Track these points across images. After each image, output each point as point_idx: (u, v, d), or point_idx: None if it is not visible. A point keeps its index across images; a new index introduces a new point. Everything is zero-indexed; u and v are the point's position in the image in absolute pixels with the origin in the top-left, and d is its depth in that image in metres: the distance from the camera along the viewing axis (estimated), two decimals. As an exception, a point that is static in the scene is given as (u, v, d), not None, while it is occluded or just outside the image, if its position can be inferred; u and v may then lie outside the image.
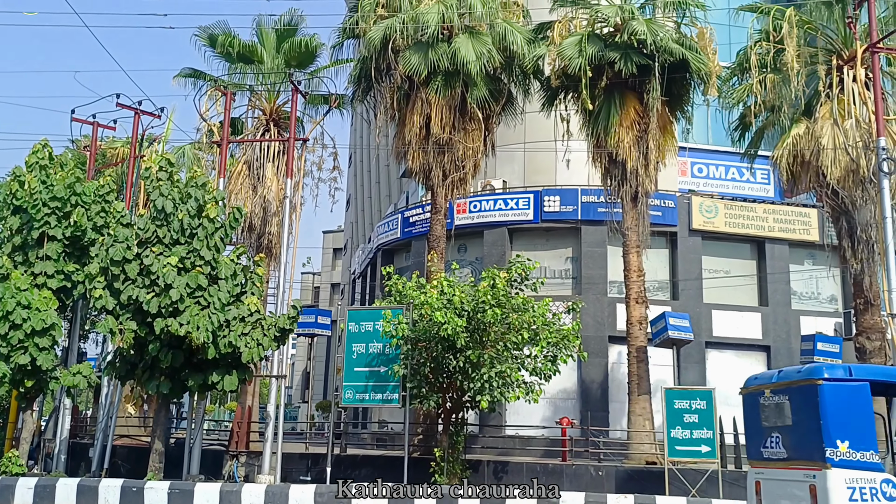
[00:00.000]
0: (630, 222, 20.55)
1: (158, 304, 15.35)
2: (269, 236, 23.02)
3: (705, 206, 28.62)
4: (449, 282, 16.26)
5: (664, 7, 20.95)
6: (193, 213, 16.22)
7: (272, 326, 16.26)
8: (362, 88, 22.64)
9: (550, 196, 28.32)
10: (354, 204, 57.19)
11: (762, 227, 29.04)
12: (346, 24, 22.74)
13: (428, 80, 20.73)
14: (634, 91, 20.39)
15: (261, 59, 24.10)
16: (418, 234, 30.23)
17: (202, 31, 23.90)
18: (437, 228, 21.72)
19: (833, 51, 19.85)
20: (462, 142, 21.10)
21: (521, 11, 22.38)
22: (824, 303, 29.94)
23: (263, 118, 24.16)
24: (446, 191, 21.59)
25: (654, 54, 19.25)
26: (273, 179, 22.98)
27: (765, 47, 19.72)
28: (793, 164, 19.85)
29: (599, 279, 27.57)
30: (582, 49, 19.58)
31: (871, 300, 19.26)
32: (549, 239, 28.79)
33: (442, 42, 20.65)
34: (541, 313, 16.15)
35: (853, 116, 18.80)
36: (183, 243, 16.09)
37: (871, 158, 18.16)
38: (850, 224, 19.42)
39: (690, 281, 28.01)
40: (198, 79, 24.39)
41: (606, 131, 20.24)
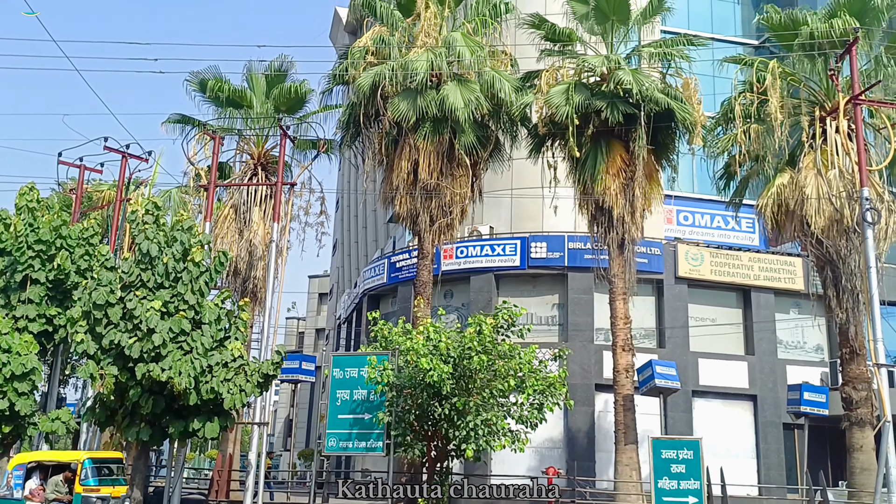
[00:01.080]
0: (617, 269, 20.57)
1: (141, 349, 15.12)
2: (254, 280, 22.89)
3: (691, 254, 28.74)
4: (435, 328, 16.14)
5: (649, 58, 21.26)
6: (178, 257, 16.08)
7: (255, 372, 16.04)
8: (351, 134, 22.76)
9: (537, 242, 28.37)
10: (341, 249, 57.12)
11: (748, 276, 29.16)
12: (335, 71, 22.93)
13: (416, 127, 20.86)
14: (621, 139, 20.58)
15: (250, 104, 24.22)
16: (405, 279, 30.14)
17: (193, 77, 24.03)
18: (423, 274, 21.66)
19: (816, 102, 20.15)
20: (449, 187, 21.17)
21: (509, 60, 22.66)
22: (810, 352, 29.96)
23: (251, 162, 24.19)
24: (433, 236, 21.59)
25: (639, 103, 19.46)
26: (259, 223, 22.93)
27: (749, 98, 19.98)
28: (777, 213, 20.00)
29: (586, 326, 27.51)
30: (569, 97, 19.79)
31: (856, 350, 19.24)
32: (535, 285, 28.78)
33: (431, 89, 20.84)
34: (527, 360, 16.02)
35: (836, 167, 19.00)
36: (167, 287, 15.92)
37: (854, 208, 18.31)
38: (835, 273, 19.48)
39: (677, 329, 27.99)
40: (186, 124, 24.46)
41: (593, 178, 20.36)
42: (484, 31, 21.99)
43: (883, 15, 20.03)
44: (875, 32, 20.02)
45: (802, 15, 20.42)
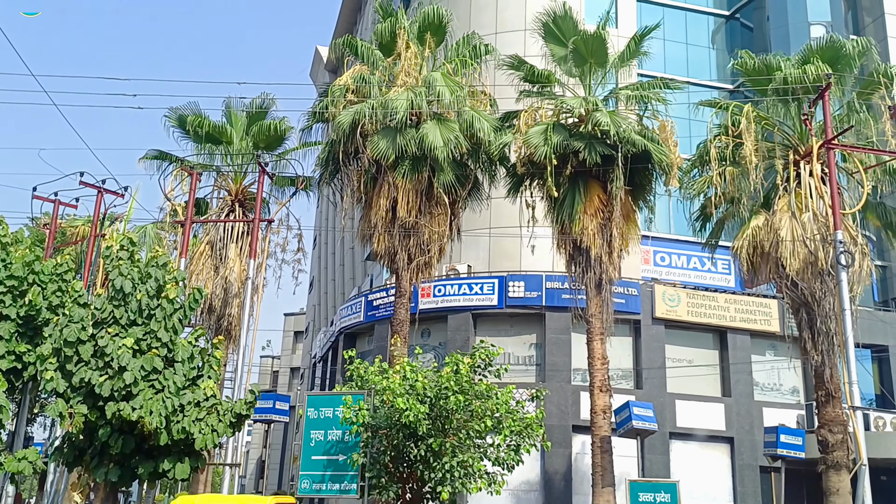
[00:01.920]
0: (594, 309, 20.56)
1: (111, 387, 14.81)
2: (229, 318, 22.64)
3: (668, 295, 28.84)
4: (412, 367, 15.98)
5: (627, 100, 21.50)
6: (152, 294, 15.86)
7: (228, 412, 15.75)
8: (330, 171, 22.75)
9: (515, 282, 28.37)
10: (318, 286, 56.83)
11: (724, 317, 29.28)
12: (315, 108, 22.98)
13: (395, 165, 20.89)
14: (598, 180, 20.72)
15: (229, 141, 24.19)
16: (382, 317, 29.96)
17: (172, 112, 24.00)
18: (400, 312, 21.53)
19: (790, 146, 20.43)
20: (428, 226, 21.16)
21: (489, 100, 22.83)
22: (786, 394, 30.03)
23: (229, 199, 24.09)
24: (411, 274, 21.52)
25: (617, 145, 19.63)
26: (236, 260, 22.76)
27: (724, 141, 20.20)
28: (753, 255, 20.12)
29: (563, 366, 27.43)
30: (547, 138, 19.93)
31: (832, 392, 19.26)
32: (513, 325, 28.70)
33: (410, 128, 20.91)
34: (504, 401, 15.87)
35: (810, 210, 19.20)
36: (140, 324, 15.66)
37: (828, 251, 18.48)
38: (810, 316, 19.57)
39: (654, 370, 27.97)
40: (164, 160, 24.35)
41: (571, 218, 20.44)
42: (464, 72, 22.17)
43: (854, 62, 20.46)
44: (847, 79, 20.41)
45: (776, 61, 20.80)
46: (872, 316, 29.43)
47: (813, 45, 21.29)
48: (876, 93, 19.72)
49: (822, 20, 36.00)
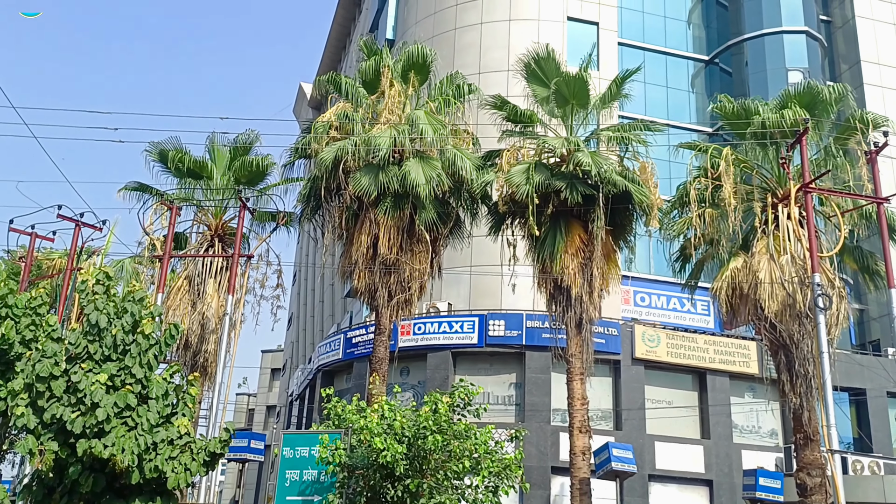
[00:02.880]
0: (574, 349, 20.49)
1: (83, 424, 14.47)
2: (205, 354, 22.32)
3: (648, 336, 28.86)
4: (390, 406, 15.79)
5: (608, 141, 21.68)
6: (128, 329, 15.59)
7: (202, 450, 15.42)
8: (311, 207, 22.69)
9: (495, 320, 28.30)
10: (296, 323, 56.42)
11: (703, 359, 29.32)
12: (298, 144, 22.98)
13: (377, 202, 20.88)
14: (580, 219, 20.78)
15: (210, 175, 24.08)
16: (361, 355, 29.73)
17: (153, 147, 23.85)
18: (380, 350, 21.35)
19: (768, 189, 20.62)
20: (409, 263, 21.09)
21: (471, 139, 22.96)
22: (765, 437, 30.00)
23: (208, 233, 23.91)
24: (391, 312, 21.39)
25: (598, 185, 19.75)
26: (214, 296, 22.52)
27: (703, 183, 20.36)
28: (732, 296, 20.15)
29: (543, 406, 27.27)
30: (529, 177, 20.01)
31: (810, 435, 19.21)
32: (492, 364, 28.57)
33: (392, 165, 20.95)
34: (483, 441, 15.69)
35: (789, 252, 19.31)
36: (114, 360, 15.36)
37: (806, 294, 18.56)
38: (789, 358, 19.59)
39: (633, 411, 27.87)
40: (144, 192, 24.17)
41: (552, 257, 20.45)
42: (447, 111, 22.32)
43: (832, 107, 20.77)
44: (824, 124, 20.70)
45: (754, 105, 21.07)
46: (850, 359, 29.57)
47: (791, 90, 21.63)
48: (852, 138, 19.97)
49: (799, 66, 36.72)
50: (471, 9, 36.75)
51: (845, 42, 41.44)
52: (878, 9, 41.43)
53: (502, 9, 36.29)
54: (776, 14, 38.29)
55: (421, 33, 35.94)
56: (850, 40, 41.09)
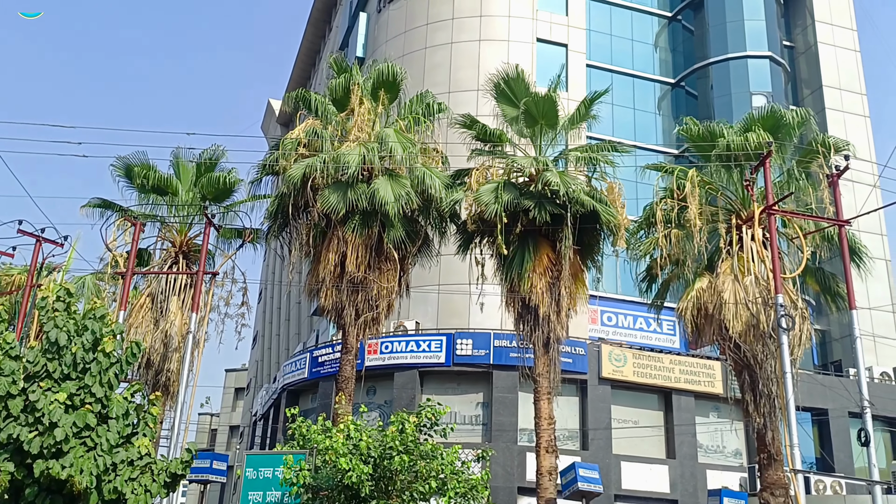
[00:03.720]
0: (542, 368, 20.47)
1: (41, 444, 14.11)
2: (167, 373, 21.94)
3: (614, 355, 28.97)
4: (356, 425, 15.62)
5: (576, 161, 21.80)
6: (88, 347, 15.26)
7: (163, 471, 15.11)
8: (278, 224, 22.50)
9: (463, 339, 28.24)
10: (261, 342, 55.86)
11: (669, 378, 29.49)
12: (266, 161, 22.81)
13: (346, 219, 20.76)
14: (548, 239, 20.84)
15: (175, 192, 23.77)
16: (327, 374, 29.46)
17: (118, 162, 23.48)
18: (346, 369, 21.15)
19: (733, 210, 20.85)
20: (377, 281, 20.98)
21: (441, 157, 22.97)
22: (729, 457, 30.19)
23: (172, 250, 23.58)
24: (358, 330, 21.22)
25: (566, 204, 19.83)
26: (177, 314, 22.17)
27: (669, 204, 20.53)
28: (697, 316, 20.28)
29: (510, 426, 27.20)
30: (498, 196, 20.03)
31: (774, 455, 19.33)
32: (460, 383, 28.48)
33: (361, 182, 20.87)
34: (450, 461, 15.57)
35: (752, 273, 19.51)
36: (74, 378, 15.02)
37: (770, 314, 18.75)
38: (753, 378, 19.74)
39: (600, 430, 27.91)
40: (107, 208, 23.78)
41: (520, 276, 20.46)
42: (416, 129, 22.31)
43: (794, 131, 21.12)
44: (787, 147, 21.03)
45: (719, 128, 21.35)
46: (812, 379, 29.93)
47: (755, 113, 21.95)
48: (815, 161, 20.30)
49: (763, 90, 37.40)
50: (441, 29, 36.95)
51: (808, 67, 42.31)
52: (839, 35, 42.40)
53: (472, 29, 36.53)
54: (740, 39, 39.01)
55: (391, 52, 36.02)
56: (812, 66, 41.98)
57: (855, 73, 41.78)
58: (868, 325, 32.76)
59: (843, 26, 42.90)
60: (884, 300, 35.22)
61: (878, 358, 34.56)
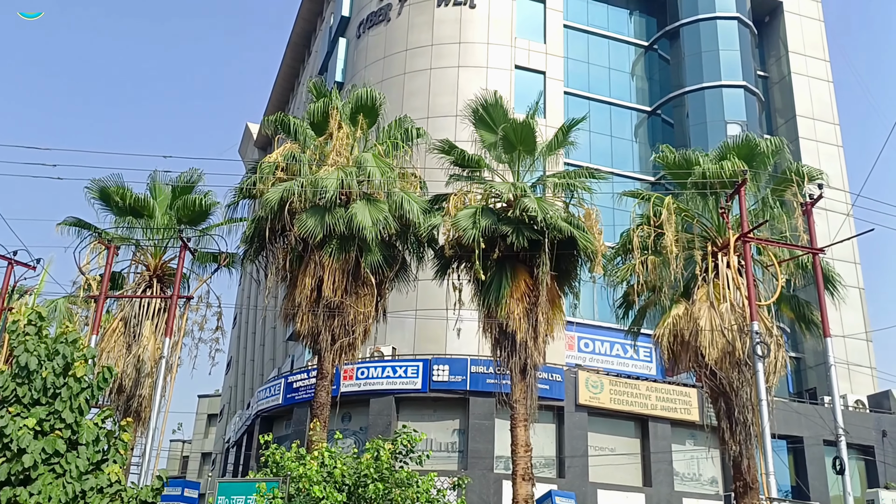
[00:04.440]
0: (518, 395, 20.38)
1: (8, 471, 13.79)
2: (139, 399, 21.59)
3: (591, 382, 28.94)
4: (331, 453, 15.43)
5: (554, 187, 21.88)
6: (59, 372, 14.99)
7: (133, 499, 14.80)
8: (255, 248, 22.32)
9: (440, 365, 28.10)
10: (235, 367, 55.31)
11: (645, 405, 29.48)
12: (243, 184, 22.68)
13: (323, 243, 20.65)
14: (525, 264, 20.83)
15: (151, 214, 23.54)
16: (301, 400, 29.16)
17: (93, 184, 23.21)
18: (321, 395, 20.93)
19: (708, 238, 20.99)
20: (354, 306, 20.84)
21: (419, 182, 22.96)
22: (706, 484, 30.17)
23: (146, 274, 23.31)
24: (334, 356, 21.03)
25: (544, 230, 19.84)
26: (150, 338, 21.87)
27: (646, 231, 20.62)
28: (673, 343, 20.32)
29: (486, 453, 27.02)
30: (476, 221, 20.02)
31: (749, 483, 19.32)
32: (436, 409, 28.29)
33: (339, 207, 20.79)
34: (425, 489, 15.41)
35: (728, 300, 19.60)
36: (44, 403, 14.71)
37: (746, 341, 18.83)
38: (729, 405, 19.77)
39: (577, 458, 27.80)
40: (82, 229, 23.49)
41: (497, 302, 20.41)
42: (395, 154, 22.32)
43: (769, 159, 21.35)
44: (762, 175, 21.25)
45: (695, 156, 21.54)
46: (788, 407, 30.08)
47: (730, 142, 22.20)
48: (789, 190, 20.52)
49: (737, 119, 37.92)
50: (420, 55, 37.16)
51: (782, 97, 43.02)
52: (812, 66, 43.20)
53: (451, 56, 36.77)
54: (716, 69, 39.60)
55: (370, 77, 36.14)
56: (786, 95, 42.70)
57: (828, 103, 42.53)
58: (842, 353, 33.07)
59: (816, 57, 43.73)
60: (858, 328, 35.57)
61: (853, 386, 34.84)
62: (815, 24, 45.00)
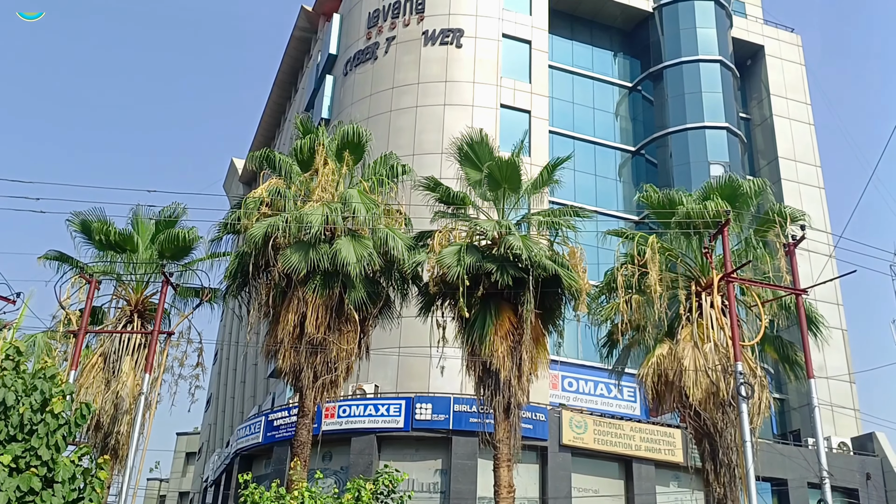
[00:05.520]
0: (502, 434, 20.19)
1: (-20, 509, 13.46)
2: (117, 436, 21.20)
3: (575, 422, 28.75)
4: (311, 493, 15.19)
5: (538, 225, 21.93)
6: (37, 408, 14.71)
7: (109, 538, 14.51)
8: (238, 283, 22.14)
9: (423, 403, 27.85)
10: (215, 404, 54.65)
11: (629, 446, 29.29)
12: (227, 220, 22.56)
13: (307, 279, 20.53)
14: (510, 302, 20.78)
15: (134, 248, 23.34)
16: (282, 438, 28.76)
17: (75, 217, 23.02)
18: (302, 433, 20.64)
19: (692, 277, 21.05)
20: (336, 343, 20.66)
21: (404, 219, 22.95)
22: (690, 526, 29.89)
23: (127, 308, 23.06)
24: (316, 393, 20.79)
25: (528, 268, 19.84)
26: (130, 374, 21.55)
27: (630, 270, 20.64)
28: (657, 383, 20.27)
29: (468, 494, 26.69)
30: (460, 258, 19.98)
31: (735, 526, 19.20)
32: (418, 449, 27.97)
33: (324, 243, 20.71)
34: (408, 530, 15.20)
35: (712, 340, 19.61)
36: (20, 440, 14.41)
37: (730, 382, 18.79)
38: (713, 447, 19.68)
39: (560, 499, 27.50)
40: (64, 262, 23.25)
41: (481, 340, 20.31)
42: (380, 190, 22.34)
43: (751, 200, 21.53)
44: (745, 216, 21.40)
45: (678, 196, 21.69)
46: (772, 449, 29.97)
47: (713, 182, 22.39)
48: (771, 231, 20.66)
49: (720, 160, 38.34)
50: (407, 93, 37.42)
51: (764, 139, 43.61)
52: (793, 109, 43.90)
53: (438, 94, 37.04)
54: (698, 110, 40.13)
55: (357, 114, 36.33)
56: (768, 137, 43.30)
57: (809, 146, 43.14)
58: (826, 395, 33.11)
59: (797, 100, 44.47)
60: (841, 370, 35.67)
61: (837, 428, 34.82)
62: (796, 68, 45.83)
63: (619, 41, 44.40)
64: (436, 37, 38.39)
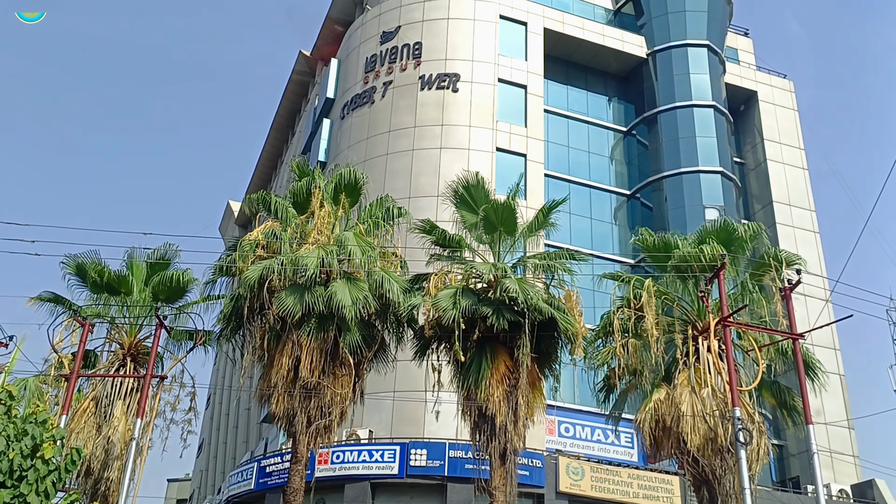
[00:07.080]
0: (498, 481, 19.89)
1: (-34, 558, 13.18)
2: (107, 482, 20.84)
3: (572, 468, 28.39)
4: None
5: (534, 268, 21.88)
6: (27, 453, 14.48)
7: (96, 588, 14.20)
8: (232, 327, 21.97)
9: (417, 449, 27.51)
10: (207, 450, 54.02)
11: (627, 493, 28.89)
12: (222, 262, 22.47)
13: (301, 322, 20.38)
14: (506, 346, 20.63)
15: (129, 291, 23.23)
16: (274, 485, 28.34)
17: (70, 259, 22.95)
18: (295, 480, 20.31)
19: (688, 321, 20.97)
20: (331, 387, 20.43)
21: (399, 262, 22.88)
22: (689, 575, 29.35)
23: (120, 352, 22.85)
24: (309, 439, 20.50)
25: (524, 312, 19.72)
26: (121, 419, 21.27)
27: (626, 313, 20.59)
28: (655, 428, 20.07)
29: (464, 543, 26.24)
30: (456, 301, 19.89)
31: (734, 576, 18.86)
32: (413, 496, 27.56)
33: (319, 285, 20.60)
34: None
35: (709, 385, 19.45)
36: (9, 486, 14.17)
37: (728, 428, 18.60)
38: (711, 494, 19.43)
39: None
40: (57, 304, 23.10)
41: (477, 384, 20.12)
42: (376, 233, 22.33)
43: (747, 244, 21.55)
44: (740, 260, 21.40)
45: (674, 239, 21.72)
46: (771, 496, 29.59)
47: (708, 226, 22.43)
48: (767, 275, 20.62)
49: (715, 204, 38.52)
50: (403, 136, 37.67)
51: (758, 183, 43.88)
52: (787, 154, 44.27)
53: (434, 137, 37.30)
54: (693, 155, 40.42)
55: (353, 157, 36.50)
56: (762, 182, 43.57)
57: (804, 190, 43.41)
58: (825, 441, 32.81)
59: (791, 145, 44.85)
60: (839, 415, 35.39)
61: (836, 475, 34.42)
62: (790, 113, 46.31)
63: (614, 86, 44.87)
64: (432, 81, 38.79)
